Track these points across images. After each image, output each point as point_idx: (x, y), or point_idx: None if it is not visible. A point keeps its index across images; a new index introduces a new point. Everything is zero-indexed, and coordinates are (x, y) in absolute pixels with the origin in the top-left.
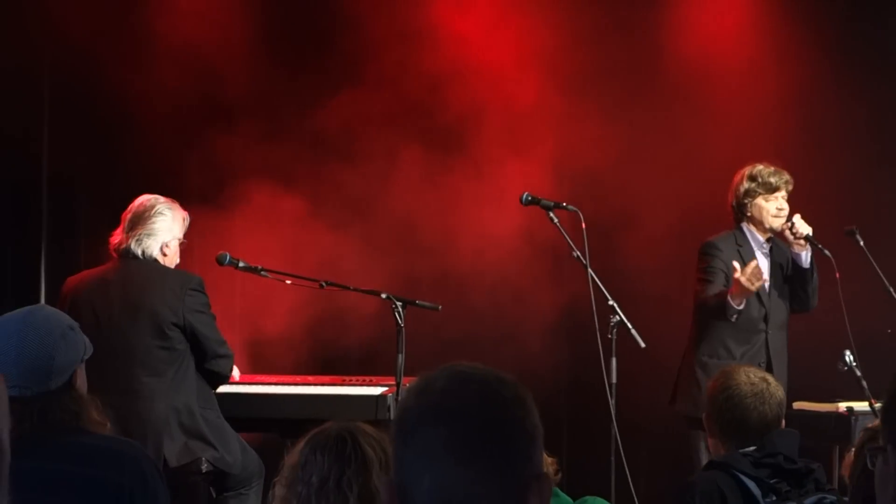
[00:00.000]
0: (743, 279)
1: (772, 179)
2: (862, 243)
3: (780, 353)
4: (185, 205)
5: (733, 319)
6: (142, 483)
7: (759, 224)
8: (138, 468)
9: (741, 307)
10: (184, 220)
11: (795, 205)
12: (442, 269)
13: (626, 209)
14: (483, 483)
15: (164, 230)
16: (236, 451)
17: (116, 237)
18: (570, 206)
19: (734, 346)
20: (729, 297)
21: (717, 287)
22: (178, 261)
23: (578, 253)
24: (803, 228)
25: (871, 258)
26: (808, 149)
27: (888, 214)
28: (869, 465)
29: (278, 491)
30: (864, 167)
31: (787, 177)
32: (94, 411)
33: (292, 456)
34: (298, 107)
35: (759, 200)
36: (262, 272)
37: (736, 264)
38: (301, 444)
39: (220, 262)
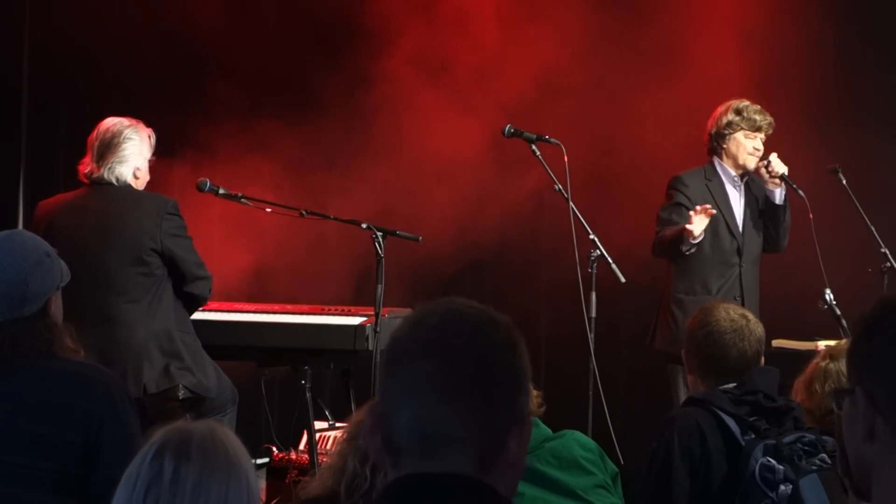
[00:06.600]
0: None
1: (756, 117)
2: (844, 181)
3: (753, 288)
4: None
5: (685, 252)
6: (111, 410)
7: (733, 158)
8: (107, 395)
9: (696, 241)
10: (150, 137)
11: (772, 145)
12: (423, 201)
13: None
14: (463, 422)
15: (134, 154)
16: (212, 375)
17: (87, 166)
18: (552, 140)
19: (710, 281)
20: (685, 233)
21: (671, 224)
22: (148, 179)
23: (560, 186)
24: (779, 167)
25: (853, 197)
26: (785, 88)
27: (866, 155)
28: (835, 408)
29: (338, 446)
30: (840, 108)
31: (770, 119)
32: (67, 338)
33: (359, 414)
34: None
35: (739, 135)
36: (242, 199)
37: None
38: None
39: (200, 188)
